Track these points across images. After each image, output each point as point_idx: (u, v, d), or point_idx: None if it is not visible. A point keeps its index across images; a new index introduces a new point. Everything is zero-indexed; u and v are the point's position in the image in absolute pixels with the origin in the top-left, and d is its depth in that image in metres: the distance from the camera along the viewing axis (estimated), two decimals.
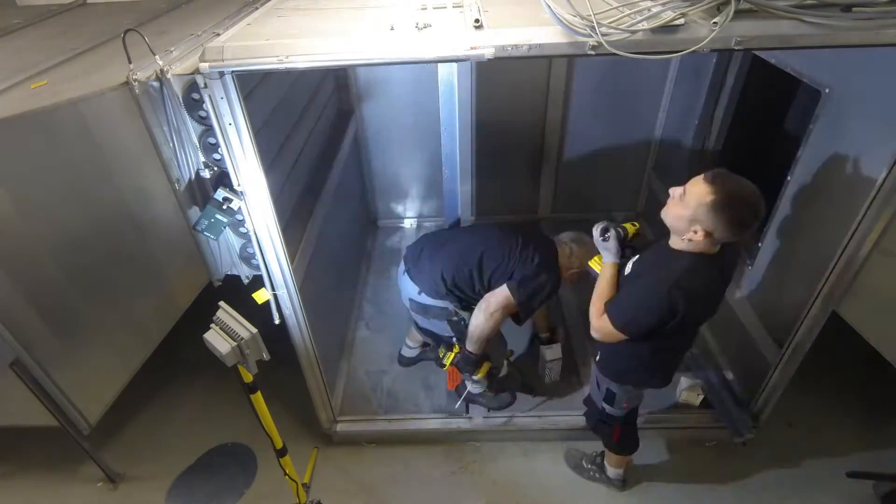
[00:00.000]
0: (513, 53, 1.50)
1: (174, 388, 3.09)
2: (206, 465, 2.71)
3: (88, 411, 1.94)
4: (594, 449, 2.55)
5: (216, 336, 1.55)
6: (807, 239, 2.19)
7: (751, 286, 2.62)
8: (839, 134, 2.01)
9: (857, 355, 2.28)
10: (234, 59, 1.53)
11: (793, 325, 2.21)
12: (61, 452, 2.64)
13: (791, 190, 2.29)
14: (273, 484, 2.52)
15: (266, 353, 1.61)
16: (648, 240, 2.15)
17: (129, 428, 2.90)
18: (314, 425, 2.72)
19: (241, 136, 1.71)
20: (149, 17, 2.57)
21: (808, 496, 2.44)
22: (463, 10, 1.76)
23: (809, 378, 2.41)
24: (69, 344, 1.82)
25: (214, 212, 1.85)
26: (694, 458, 2.61)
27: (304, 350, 2.35)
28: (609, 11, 1.47)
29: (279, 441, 1.97)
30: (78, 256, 1.73)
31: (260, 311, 2.11)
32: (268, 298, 2.10)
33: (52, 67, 1.93)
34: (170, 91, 1.67)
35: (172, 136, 1.77)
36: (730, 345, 2.87)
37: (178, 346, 2.31)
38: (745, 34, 1.42)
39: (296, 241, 2.31)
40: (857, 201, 1.88)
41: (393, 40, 1.55)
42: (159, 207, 1.90)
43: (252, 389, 1.76)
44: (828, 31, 1.41)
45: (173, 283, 2.09)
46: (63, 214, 1.66)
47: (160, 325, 2.11)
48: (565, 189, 4.16)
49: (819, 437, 2.68)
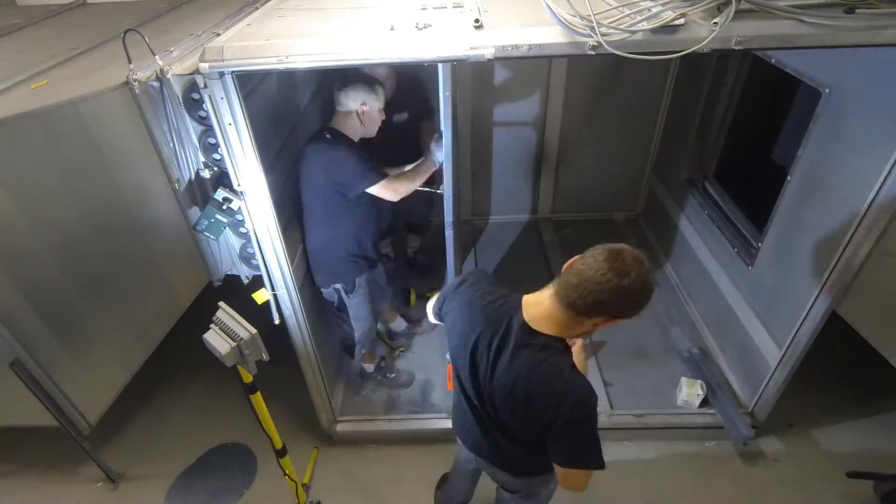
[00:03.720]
0: (513, 53, 1.50)
1: (174, 387, 3.09)
2: (207, 465, 2.71)
3: (88, 411, 1.94)
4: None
5: (216, 336, 1.55)
6: (807, 239, 2.19)
7: (751, 286, 2.62)
8: (839, 134, 2.01)
9: (857, 355, 2.28)
10: (233, 59, 1.53)
11: (793, 325, 2.22)
12: (61, 452, 2.64)
13: (791, 190, 2.29)
14: (273, 484, 2.52)
15: (265, 354, 1.61)
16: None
17: (129, 428, 2.90)
18: (314, 425, 2.72)
19: (241, 136, 1.71)
20: (149, 17, 2.57)
21: (808, 496, 2.44)
22: (463, 10, 1.76)
23: (809, 378, 2.41)
24: (69, 344, 1.82)
25: (214, 212, 1.85)
26: (694, 459, 2.61)
27: (304, 350, 2.35)
28: (609, 11, 1.47)
29: (279, 441, 1.97)
30: (78, 256, 1.74)
31: (260, 311, 2.12)
32: (268, 298, 2.10)
33: (52, 67, 1.93)
34: (170, 91, 1.67)
35: (172, 136, 1.77)
36: (730, 345, 2.87)
37: (178, 346, 2.32)
38: (745, 34, 1.42)
39: (296, 241, 2.31)
40: (857, 201, 1.88)
41: (393, 40, 1.55)
42: (159, 207, 1.90)
43: (252, 390, 1.76)
44: (828, 31, 1.41)
45: (173, 283, 2.09)
46: (63, 214, 1.67)
47: (160, 325, 2.11)
48: (565, 189, 4.16)
49: (819, 436, 2.68)
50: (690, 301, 3.34)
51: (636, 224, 4.20)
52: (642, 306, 1.22)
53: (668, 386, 2.82)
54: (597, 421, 1.28)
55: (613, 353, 3.05)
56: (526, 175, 4.08)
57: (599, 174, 4.04)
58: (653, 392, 2.81)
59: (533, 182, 4.12)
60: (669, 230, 3.64)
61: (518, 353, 1.32)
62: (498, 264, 3.84)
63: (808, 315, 2.15)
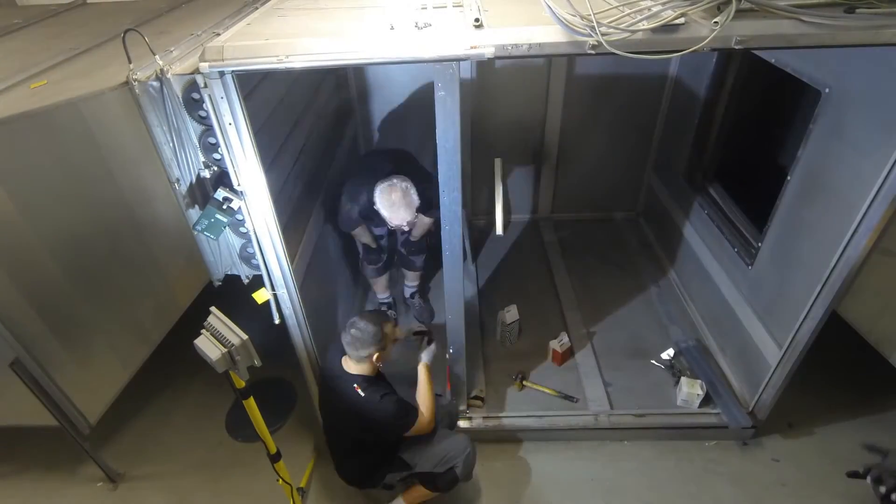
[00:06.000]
0: (513, 53, 1.50)
1: (174, 388, 3.09)
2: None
3: (88, 411, 1.95)
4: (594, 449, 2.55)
5: (207, 342, 1.54)
6: (807, 239, 2.19)
7: (751, 286, 2.62)
8: (839, 134, 2.01)
9: (857, 355, 2.28)
10: (233, 58, 1.53)
11: (793, 325, 2.21)
12: (61, 452, 2.64)
13: (791, 190, 2.29)
14: (273, 484, 2.52)
15: (257, 360, 1.60)
16: None
17: (129, 428, 2.90)
18: (314, 425, 2.72)
19: (241, 136, 1.71)
20: (149, 17, 2.57)
21: (808, 496, 2.44)
22: (463, 10, 1.76)
23: (809, 378, 2.41)
24: (69, 344, 1.82)
25: (214, 212, 1.85)
26: (694, 459, 2.61)
27: (304, 350, 2.35)
28: (609, 11, 1.47)
29: (273, 446, 1.97)
30: (78, 256, 1.74)
31: (260, 311, 2.12)
32: (268, 298, 2.10)
33: (52, 67, 1.93)
34: (170, 91, 1.67)
35: (172, 136, 1.76)
36: (730, 345, 2.87)
37: (178, 346, 2.31)
38: (745, 34, 1.42)
39: (296, 241, 2.31)
40: (857, 201, 1.88)
41: (393, 40, 1.55)
42: (159, 207, 1.91)
43: (244, 395, 1.75)
44: (828, 31, 1.41)
45: (173, 283, 2.09)
46: (63, 214, 1.67)
47: (160, 325, 2.11)
48: (565, 189, 4.16)
49: (819, 436, 2.67)
50: (690, 301, 3.34)
51: (636, 224, 4.20)
52: None
53: (668, 386, 2.82)
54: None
55: (613, 353, 3.05)
56: (526, 175, 4.08)
57: (599, 174, 4.04)
58: (653, 392, 2.81)
59: (533, 182, 4.12)
60: (669, 230, 3.64)
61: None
62: (498, 264, 3.84)
63: (807, 315, 2.15)
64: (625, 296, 3.45)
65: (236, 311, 1.68)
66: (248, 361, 1.59)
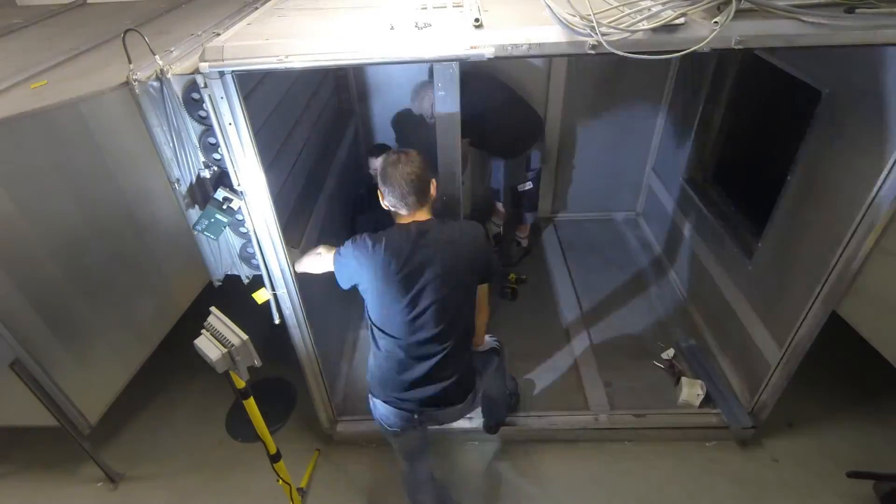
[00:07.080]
0: (513, 53, 1.50)
1: (174, 388, 3.09)
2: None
3: (88, 411, 1.94)
4: (594, 449, 2.55)
5: (207, 342, 1.54)
6: (807, 238, 2.19)
7: (751, 286, 2.62)
8: (839, 134, 2.01)
9: (857, 355, 2.28)
10: (234, 58, 1.53)
11: (793, 325, 2.21)
12: (61, 452, 2.64)
13: (791, 190, 2.29)
14: (273, 484, 2.52)
15: (257, 360, 1.60)
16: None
17: (129, 428, 2.90)
18: (315, 425, 2.72)
19: (241, 136, 1.71)
20: (149, 17, 2.57)
21: (808, 496, 2.43)
22: (463, 10, 1.76)
23: (809, 378, 2.41)
24: (69, 344, 1.82)
25: (214, 212, 1.85)
26: (694, 459, 2.61)
27: (304, 350, 2.35)
28: (609, 11, 1.47)
29: (273, 446, 1.97)
30: (78, 256, 1.74)
31: (260, 311, 2.12)
32: (268, 298, 2.10)
33: (52, 67, 1.93)
34: (170, 91, 1.66)
35: (172, 136, 1.76)
36: (730, 345, 2.87)
37: (178, 346, 2.31)
38: (745, 34, 1.42)
39: (296, 241, 2.31)
40: (857, 201, 1.88)
41: (393, 40, 1.55)
42: (159, 207, 1.90)
43: (244, 395, 1.75)
44: (828, 31, 1.41)
45: (173, 283, 2.09)
46: (63, 214, 1.67)
47: (160, 325, 2.11)
48: (565, 189, 4.16)
49: (819, 436, 2.67)
50: (690, 301, 3.34)
51: (636, 224, 4.20)
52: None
53: (668, 386, 2.82)
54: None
55: (613, 353, 3.05)
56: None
57: (599, 174, 4.04)
58: (653, 392, 2.81)
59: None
60: (669, 230, 3.64)
61: (429, 235, 1.74)
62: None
63: (808, 315, 2.15)
64: (625, 296, 3.46)
65: (236, 311, 1.68)
66: (248, 361, 1.59)
